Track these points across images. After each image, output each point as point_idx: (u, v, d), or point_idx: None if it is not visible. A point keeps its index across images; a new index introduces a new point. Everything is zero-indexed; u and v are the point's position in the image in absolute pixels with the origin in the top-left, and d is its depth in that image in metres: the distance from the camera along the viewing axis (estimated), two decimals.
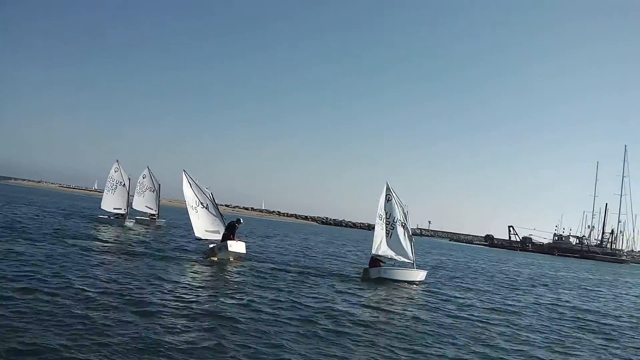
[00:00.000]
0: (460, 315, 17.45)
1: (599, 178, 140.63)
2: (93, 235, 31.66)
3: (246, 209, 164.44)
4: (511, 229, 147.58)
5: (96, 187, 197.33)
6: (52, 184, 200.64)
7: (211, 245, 27.35)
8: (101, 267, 19.15)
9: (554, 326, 17.49)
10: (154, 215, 49.19)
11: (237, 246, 26.56)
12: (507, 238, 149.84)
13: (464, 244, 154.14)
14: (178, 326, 11.85)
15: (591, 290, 35.18)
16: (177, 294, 15.52)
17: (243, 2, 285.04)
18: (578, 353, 13.83)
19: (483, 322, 16.58)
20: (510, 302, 22.52)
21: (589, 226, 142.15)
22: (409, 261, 26.50)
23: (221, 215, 29.27)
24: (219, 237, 27.77)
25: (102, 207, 45.17)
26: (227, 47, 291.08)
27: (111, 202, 44.92)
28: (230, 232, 27.11)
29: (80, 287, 14.68)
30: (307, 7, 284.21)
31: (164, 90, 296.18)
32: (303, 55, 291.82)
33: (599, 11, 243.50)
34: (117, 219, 43.87)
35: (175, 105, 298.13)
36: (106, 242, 29.08)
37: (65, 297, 13.30)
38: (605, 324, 19.51)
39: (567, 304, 24.53)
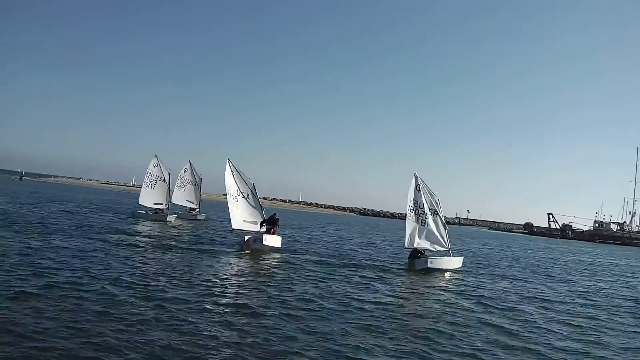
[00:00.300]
0: (490, 303, 17.66)
1: (639, 163, 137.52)
2: (129, 231, 31.85)
3: (284, 201, 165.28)
4: (550, 216, 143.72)
5: (134, 183, 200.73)
6: (90, 180, 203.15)
7: (247, 237, 27.52)
8: (137, 262, 19.40)
9: (583, 313, 17.41)
10: (194, 209, 48.69)
11: (272, 240, 27.05)
12: (547, 226, 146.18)
13: (503, 232, 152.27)
14: (220, 321, 11.91)
15: (628, 277, 34.73)
16: (213, 289, 15.67)
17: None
18: (606, 340, 13.79)
19: (512, 310, 16.69)
20: (542, 290, 22.66)
21: (629, 212, 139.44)
22: (444, 249, 26.68)
23: (260, 207, 29.59)
24: (255, 227, 28.22)
25: (140, 203, 44.76)
26: (262, 50, 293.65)
27: (151, 198, 44.44)
28: (272, 225, 27.73)
29: (130, 281, 15.30)
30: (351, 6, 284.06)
31: (204, 91, 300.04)
32: (339, 57, 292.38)
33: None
34: (156, 214, 43.66)
35: (214, 105, 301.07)
36: (145, 236, 29.51)
37: (108, 293, 13.48)
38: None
39: (601, 291, 24.36)
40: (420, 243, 26.53)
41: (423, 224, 26.58)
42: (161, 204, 44.34)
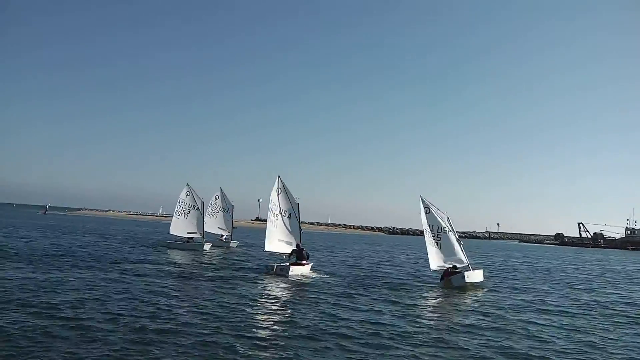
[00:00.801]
0: (502, 315, 18.31)
1: None
2: (166, 261, 32.01)
3: (312, 223, 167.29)
4: (581, 225, 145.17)
5: (161, 212, 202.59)
6: (119, 212, 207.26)
7: (275, 265, 27.91)
8: (165, 292, 19.62)
9: (596, 326, 17.29)
10: (224, 236, 48.56)
11: (299, 270, 27.99)
12: (578, 236, 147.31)
13: (534, 244, 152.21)
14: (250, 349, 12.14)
15: None
16: (240, 315, 15.91)
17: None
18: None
19: (523, 322, 17.11)
20: (559, 302, 22.84)
21: None
22: (464, 264, 27.17)
23: (300, 228, 30.76)
24: (289, 249, 29.32)
25: (171, 232, 44.12)
26: (278, 63, 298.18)
27: (183, 227, 44.03)
28: (300, 259, 28.82)
29: (150, 315, 15.28)
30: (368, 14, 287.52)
31: (219, 111, 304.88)
32: (358, 70, 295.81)
33: None
34: (187, 243, 43.41)
35: (232, 124, 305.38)
36: (177, 265, 29.85)
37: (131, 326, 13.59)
38: None
39: (623, 301, 24.32)
40: (442, 263, 27.26)
41: (439, 246, 27.34)
42: (195, 232, 44.01)
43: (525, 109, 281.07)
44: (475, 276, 26.86)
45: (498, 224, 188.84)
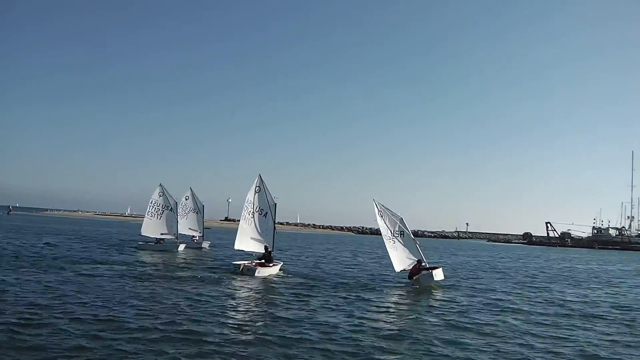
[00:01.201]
0: (454, 314, 18.89)
1: (635, 167, 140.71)
2: (136, 261, 31.99)
3: (281, 223, 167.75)
4: (548, 225, 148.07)
5: (129, 212, 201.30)
6: (88, 212, 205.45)
7: (241, 264, 28.26)
8: (155, 293, 20.10)
9: (536, 322, 17.87)
10: (195, 237, 48.45)
11: (267, 271, 28.30)
12: (546, 235, 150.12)
13: (502, 243, 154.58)
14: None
15: (612, 283, 35.69)
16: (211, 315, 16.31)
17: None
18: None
19: (474, 322, 17.38)
20: (514, 300, 23.58)
21: (628, 217, 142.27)
22: (422, 264, 27.64)
23: (274, 229, 31.40)
24: (260, 248, 30.26)
25: (143, 233, 43.47)
26: (264, 66, 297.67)
27: (155, 228, 43.30)
28: (267, 260, 29.24)
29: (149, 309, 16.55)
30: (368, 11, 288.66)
31: (193, 114, 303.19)
32: (333, 72, 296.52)
33: None
34: (158, 244, 42.90)
35: (205, 128, 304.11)
36: (143, 265, 29.93)
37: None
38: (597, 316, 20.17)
39: (572, 300, 24.98)
40: (404, 263, 27.87)
41: (395, 247, 28.04)
42: (168, 234, 43.45)
43: (494, 112, 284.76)
44: (439, 275, 27.25)
45: (467, 224, 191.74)
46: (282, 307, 18.73)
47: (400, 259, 27.91)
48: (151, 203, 43.90)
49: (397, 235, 28.34)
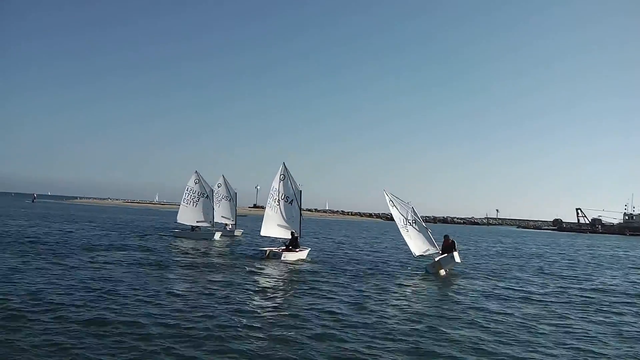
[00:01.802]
0: (461, 300, 19.28)
1: None
2: (177, 250, 32.59)
3: (310, 210, 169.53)
4: (579, 211, 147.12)
5: (157, 200, 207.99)
6: (117, 200, 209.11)
7: (269, 250, 30.03)
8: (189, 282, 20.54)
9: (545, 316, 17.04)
10: (229, 225, 48.55)
11: (293, 256, 29.75)
12: (576, 221, 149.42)
13: (532, 230, 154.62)
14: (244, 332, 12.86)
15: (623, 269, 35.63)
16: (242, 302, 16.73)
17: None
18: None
19: (474, 308, 17.58)
20: (528, 288, 23.30)
21: None
22: (436, 250, 28.35)
23: (300, 215, 32.83)
24: (287, 234, 31.52)
25: (178, 221, 43.72)
26: (275, 53, 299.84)
27: (192, 215, 43.56)
28: (293, 246, 30.70)
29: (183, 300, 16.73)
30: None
31: (215, 100, 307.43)
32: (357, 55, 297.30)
33: None
34: (194, 232, 43.47)
35: (230, 112, 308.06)
36: (186, 254, 30.23)
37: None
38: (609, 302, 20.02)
39: (594, 287, 24.67)
40: (422, 249, 28.62)
41: (409, 235, 28.65)
42: (204, 221, 43.69)
43: (525, 94, 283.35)
44: (457, 257, 27.68)
45: (497, 210, 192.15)
46: (300, 294, 19.19)
47: (416, 245, 28.55)
48: (187, 190, 44.01)
49: (410, 222, 29.05)
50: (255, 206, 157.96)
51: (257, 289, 19.98)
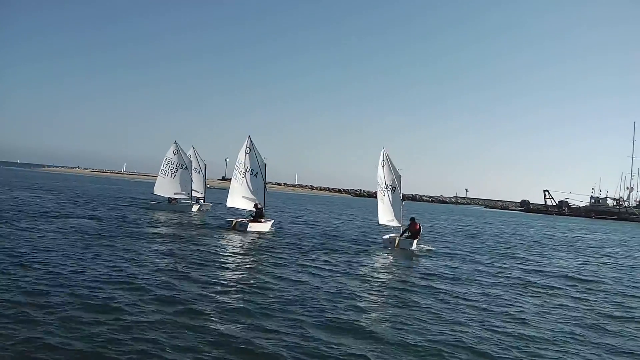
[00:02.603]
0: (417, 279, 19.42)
1: (636, 138, 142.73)
2: (153, 222, 32.79)
3: (279, 184, 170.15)
4: (546, 193, 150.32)
5: (124, 170, 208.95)
6: (85, 169, 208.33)
7: (236, 220, 31.67)
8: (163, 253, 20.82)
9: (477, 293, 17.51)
10: (199, 197, 47.27)
11: (258, 227, 31.58)
12: (543, 203, 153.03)
13: (499, 210, 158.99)
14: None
15: (589, 251, 36.80)
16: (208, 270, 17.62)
17: None
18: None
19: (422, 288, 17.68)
20: (478, 268, 23.49)
21: (627, 187, 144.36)
22: (399, 225, 29.93)
23: (265, 188, 33.99)
24: (250, 206, 33.10)
25: (155, 192, 43.44)
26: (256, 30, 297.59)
27: (170, 187, 43.35)
28: (259, 213, 32.53)
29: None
30: None
31: (192, 73, 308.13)
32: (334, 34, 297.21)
33: None
34: (170, 204, 43.51)
35: (203, 86, 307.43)
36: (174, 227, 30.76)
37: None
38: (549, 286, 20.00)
39: (536, 269, 24.83)
40: (389, 219, 29.85)
41: (382, 200, 29.80)
42: (183, 193, 43.92)
43: (497, 79, 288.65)
44: (414, 245, 28.47)
45: (466, 189, 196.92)
46: (265, 265, 20.24)
47: (384, 212, 29.72)
48: (165, 161, 43.80)
49: (388, 189, 30.08)
50: (224, 178, 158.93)
51: (224, 255, 21.73)
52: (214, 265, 19.03)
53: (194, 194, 46.32)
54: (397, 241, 28.35)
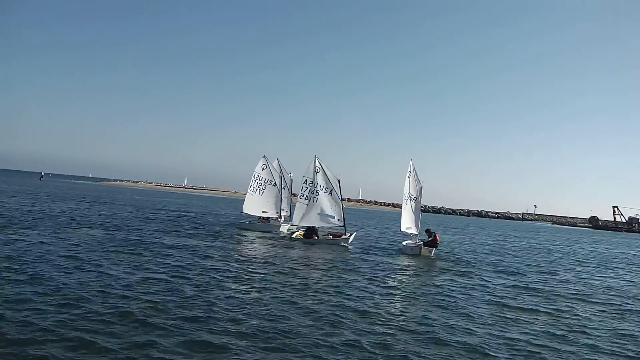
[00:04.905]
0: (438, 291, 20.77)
1: None
2: (238, 244, 32.36)
3: (343, 199, 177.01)
4: (615, 209, 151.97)
5: (185, 184, 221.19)
6: (150, 183, 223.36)
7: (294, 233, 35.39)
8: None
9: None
10: (287, 215, 44.84)
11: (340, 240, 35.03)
12: (612, 219, 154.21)
13: (566, 226, 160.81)
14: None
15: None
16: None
17: None
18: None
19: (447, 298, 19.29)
20: (511, 284, 24.12)
21: None
22: (416, 232, 33.24)
23: (341, 203, 36.55)
24: (315, 223, 35.86)
25: (245, 211, 42.75)
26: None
27: (259, 205, 42.30)
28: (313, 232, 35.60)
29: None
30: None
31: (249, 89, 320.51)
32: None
33: None
34: (260, 224, 42.97)
35: (262, 101, 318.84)
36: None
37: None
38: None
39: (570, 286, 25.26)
40: (406, 225, 33.01)
41: (405, 208, 33.15)
42: (272, 212, 42.79)
43: (563, 97, 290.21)
44: (431, 253, 31.68)
45: (535, 206, 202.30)
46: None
47: (405, 220, 33.13)
48: (254, 177, 42.80)
49: (411, 199, 33.23)
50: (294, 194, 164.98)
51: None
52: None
53: (283, 213, 44.51)
54: (420, 249, 31.69)
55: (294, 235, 36.37)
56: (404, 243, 33.58)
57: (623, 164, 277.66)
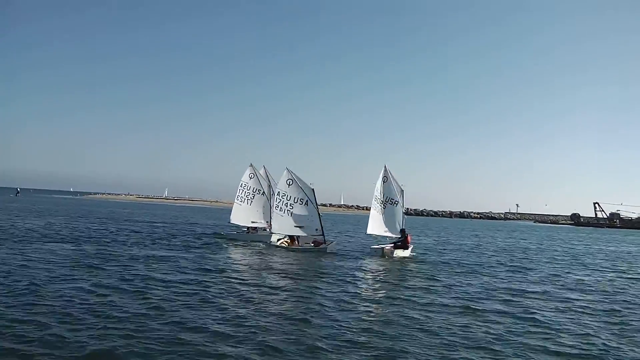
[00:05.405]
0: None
1: None
2: (230, 260, 29.62)
3: (324, 205, 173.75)
4: (597, 205, 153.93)
5: (165, 195, 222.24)
6: (131, 195, 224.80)
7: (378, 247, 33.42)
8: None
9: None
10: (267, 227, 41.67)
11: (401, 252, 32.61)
12: (594, 216, 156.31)
13: (549, 224, 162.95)
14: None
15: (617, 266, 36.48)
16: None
17: None
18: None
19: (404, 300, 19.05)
20: (472, 282, 24.25)
21: None
22: (397, 235, 33.27)
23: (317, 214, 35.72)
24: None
25: (233, 221, 41.58)
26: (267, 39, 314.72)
27: (247, 215, 41.11)
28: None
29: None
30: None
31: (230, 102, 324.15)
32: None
33: None
34: (248, 234, 41.60)
35: (249, 112, 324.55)
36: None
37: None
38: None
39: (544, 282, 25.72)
40: (381, 230, 33.52)
41: (381, 212, 33.65)
42: (261, 222, 41.48)
43: (545, 97, 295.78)
44: (404, 252, 32.44)
45: (517, 205, 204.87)
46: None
47: (377, 224, 33.55)
48: (241, 186, 41.83)
49: (388, 203, 33.56)
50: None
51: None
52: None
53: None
54: (384, 250, 32.33)
55: (278, 243, 36.87)
56: (372, 247, 34.47)
57: (604, 160, 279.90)
